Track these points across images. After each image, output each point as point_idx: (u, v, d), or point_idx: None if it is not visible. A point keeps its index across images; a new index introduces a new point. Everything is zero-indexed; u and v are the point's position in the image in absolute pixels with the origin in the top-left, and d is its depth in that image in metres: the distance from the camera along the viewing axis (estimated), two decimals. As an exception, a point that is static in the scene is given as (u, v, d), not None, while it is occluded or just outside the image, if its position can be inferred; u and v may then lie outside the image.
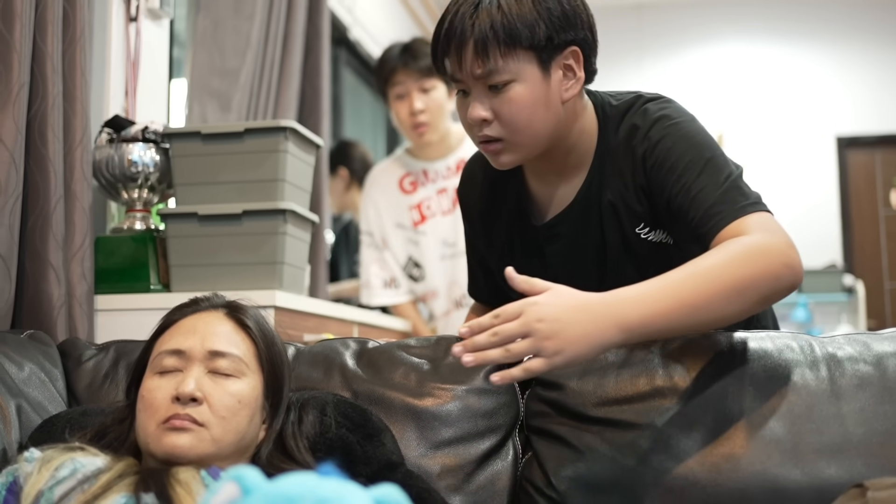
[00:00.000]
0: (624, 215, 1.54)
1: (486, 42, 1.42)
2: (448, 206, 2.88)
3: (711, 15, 6.66)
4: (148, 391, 1.29)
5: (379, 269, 2.93)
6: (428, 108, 2.84)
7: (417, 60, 2.83)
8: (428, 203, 2.90)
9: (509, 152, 1.51)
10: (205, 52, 2.94)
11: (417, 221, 2.90)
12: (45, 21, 1.89)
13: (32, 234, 1.88)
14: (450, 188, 2.85)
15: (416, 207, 2.91)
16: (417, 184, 2.91)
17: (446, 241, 2.86)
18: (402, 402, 1.53)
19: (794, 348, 1.49)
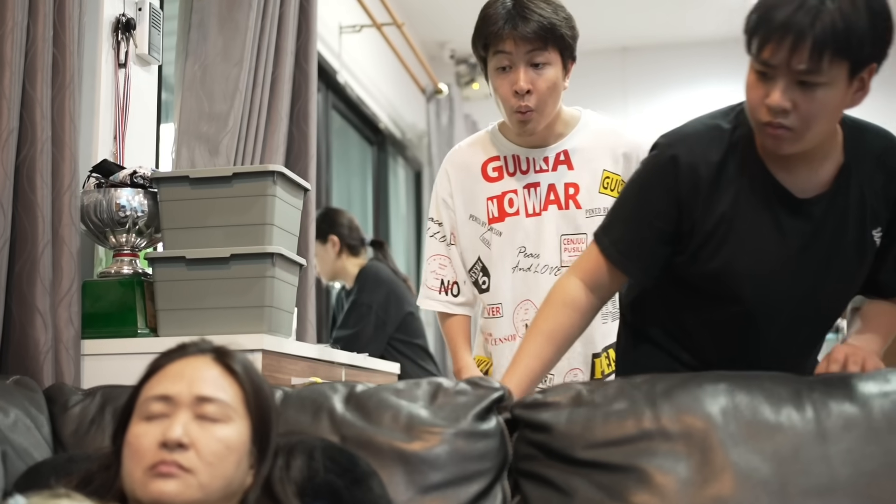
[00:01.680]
0: (869, 212, 1.67)
1: (825, 43, 1.47)
2: (538, 205, 2.22)
3: (695, 58, 6.74)
4: (135, 437, 1.28)
5: (439, 266, 2.39)
6: (537, 89, 2.11)
7: (529, 23, 2.10)
8: (512, 197, 2.24)
9: (794, 142, 1.58)
10: (193, 97, 2.95)
11: (494, 218, 2.25)
12: (35, 68, 1.91)
13: (20, 278, 1.88)
14: (544, 184, 2.22)
15: (496, 200, 2.26)
16: (503, 171, 2.26)
17: (525, 249, 2.22)
18: (391, 446, 1.53)
19: (780, 389, 1.49)
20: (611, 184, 2.19)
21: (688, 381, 1.52)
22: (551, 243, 2.19)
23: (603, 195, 2.18)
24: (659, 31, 6.54)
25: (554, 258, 2.18)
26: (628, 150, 2.20)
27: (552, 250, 2.19)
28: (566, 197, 2.19)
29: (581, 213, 2.18)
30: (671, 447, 1.44)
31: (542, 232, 2.20)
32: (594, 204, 2.17)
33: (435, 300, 2.33)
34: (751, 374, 1.55)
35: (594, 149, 2.21)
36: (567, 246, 2.18)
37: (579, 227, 2.17)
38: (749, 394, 1.49)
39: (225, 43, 3.00)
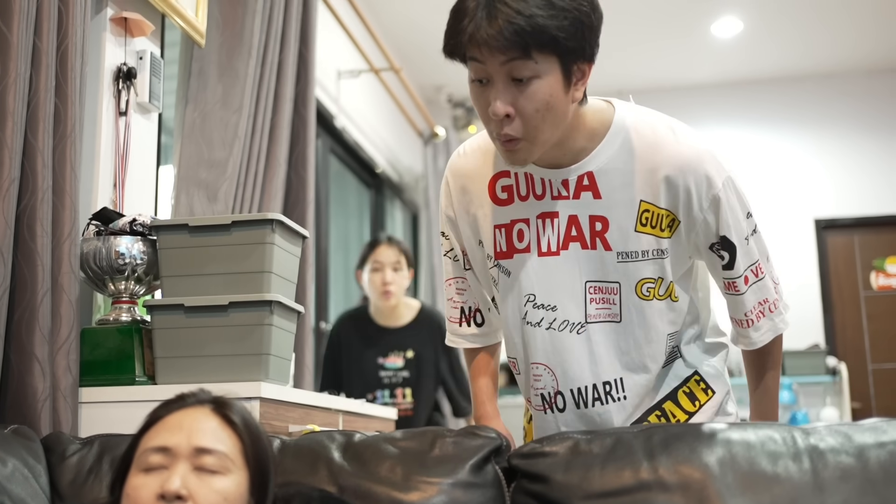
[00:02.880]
0: None
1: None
2: (555, 242, 1.70)
3: (692, 100, 6.80)
4: (133, 489, 1.28)
5: (456, 292, 1.91)
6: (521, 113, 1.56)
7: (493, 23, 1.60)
8: (522, 228, 1.72)
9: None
10: (192, 144, 2.98)
11: (501, 252, 1.74)
12: (37, 118, 1.93)
13: (18, 327, 1.89)
14: (563, 215, 1.69)
15: (504, 230, 1.74)
16: (514, 193, 1.72)
17: (533, 298, 1.72)
18: (389, 497, 1.53)
19: (777, 440, 1.50)
20: (651, 219, 1.65)
21: (685, 432, 1.53)
22: (573, 292, 1.69)
23: (641, 234, 1.65)
24: (655, 74, 6.60)
25: (576, 312, 1.69)
26: (672, 174, 1.62)
27: (574, 301, 1.69)
28: (592, 234, 1.67)
29: (611, 255, 1.67)
30: (669, 498, 1.45)
31: (559, 277, 1.69)
32: (628, 245, 1.66)
33: (458, 335, 1.92)
34: (747, 424, 1.56)
35: (628, 171, 1.64)
36: (593, 296, 1.69)
37: (608, 273, 1.68)
38: (745, 444, 1.49)
39: (224, 90, 3.03)
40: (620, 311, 1.70)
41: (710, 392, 1.78)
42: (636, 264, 1.66)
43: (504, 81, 1.49)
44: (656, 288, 1.69)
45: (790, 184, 6.68)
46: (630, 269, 1.67)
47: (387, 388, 3.82)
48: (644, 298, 1.69)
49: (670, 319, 1.72)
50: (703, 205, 1.64)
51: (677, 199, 1.64)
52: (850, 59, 6.52)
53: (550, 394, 1.73)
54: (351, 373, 3.85)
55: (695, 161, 1.64)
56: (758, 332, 1.73)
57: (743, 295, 1.71)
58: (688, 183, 1.63)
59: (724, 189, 1.64)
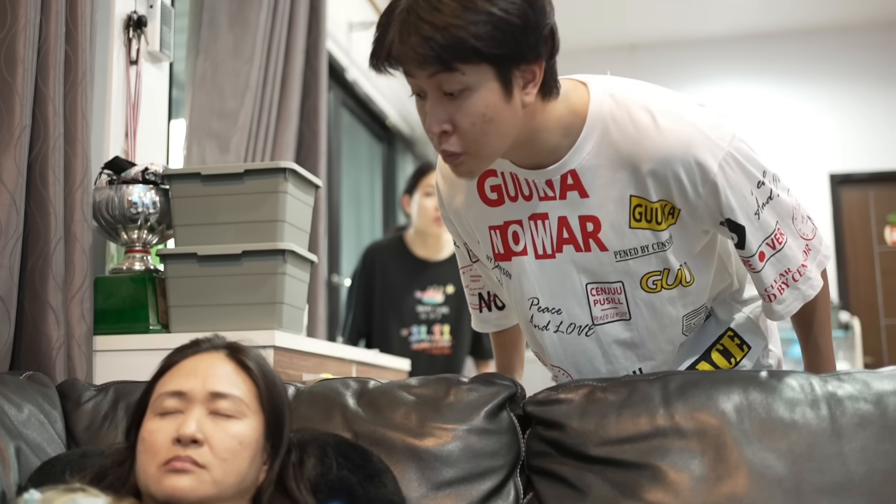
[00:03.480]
0: None
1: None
2: (549, 245, 1.60)
3: (704, 55, 6.73)
4: (149, 433, 1.28)
5: (471, 279, 1.88)
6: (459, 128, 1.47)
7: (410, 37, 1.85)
8: (516, 230, 1.62)
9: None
10: (204, 95, 2.96)
11: (500, 254, 1.65)
12: (48, 65, 1.91)
13: (32, 275, 1.88)
14: (553, 216, 1.58)
15: (499, 231, 1.64)
16: (503, 193, 1.62)
17: (537, 302, 1.65)
18: (403, 443, 1.53)
19: (795, 387, 1.49)
20: (645, 213, 1.54)
21: (701, 379, 1.52)
22: (575, 295, 1.62)
23: (636, 230, 1.55)
24: (668, 28, 6.52)
25: (581, 314, 1.63)
26: (657, 168, 1.49)
27: (577, 304, 1.63)
28: (584, 235, 1.57)
29: (608, 256, 1.57)
30: (685, 444, 1.44)
31: (558, 280, 1.62)
32: (625, 244, 1.56)
33: (483, 321, 1.91)
34: (765, 372, 1.55)
35: (612, 165, 1.52)
36: (597, 297, 1.61)
37: (608, 274, 1.59)
38: (763, 391, 1.48)
39: (235, 40, 3.01)
40: (629, 309, 1.62)
41: (746, 347, 1.73)
42: (637, 261, 1.56)
43: (436, 96, 1.39)
44: (663, 279, 1.59)
45: (805, 138, 6.62)
46: (631, 267, 1.57)
47: (423, 324, 3.56)
48: (651, 291, 1.60)
49: (684, 303, 1.64)
50: (699, 191, 1.50)
51: (670, 191, 1.51)
52: (865, 12, 6.43)
53: None
54: (384, 305, 3.58)
55: (680, 150, 1.48)
56: (782, 304, 1.61)
57: (760, 272, 1.59)
58: (677, 173, 1.48)
59: (722, 170, 1.49)
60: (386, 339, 3.51)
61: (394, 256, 3.62)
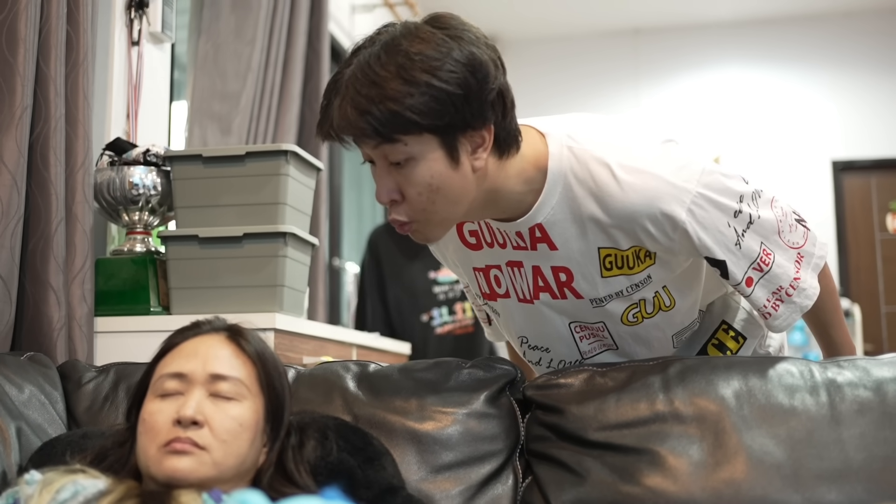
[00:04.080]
0: None
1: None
2: (527, 291, 1.59)
3: (708, 40, 6.70)
4: (149, 414, 1.29)
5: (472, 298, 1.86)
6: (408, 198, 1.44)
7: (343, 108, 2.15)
8: (497, 275, 1.62)
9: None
10: (206, 76, 2.96)
11: (487, 294, 1.67)
12: (49, 45, 1.90)
13: (33, 256, 1.89)
14: (527, 265, 1.56)
15: (482, 273, 1.65)
16: (481, 239, 1.61)
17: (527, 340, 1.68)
18: (403, 426, 1.53)
19: (794, 373, 1.49)
20: (616, 261, 1.52)
21: (701, 365, 1.52)
22: (560, 335, 1.63)
23: (609, 278, 1.54)
24: (672, 12, 6.50)
25: (569, 352, 1.65)
26: (623, 225, 1.47)
27: (564, 343, 1.64)
28: (558, 285, 1.56)
29: (583, 303, 1.57)
30: (684, 430, 1.44)
31: (541, 322, 1.62)
32: (599, 292, 1.55)
33: (495, 333, 1.88)
34: (765, 358, 1.55)
35: (577, 220, 1.49)
36: (582, 333, 1.62)
37: (587, 317, 1.59)
38: (762, 378, 1.48)
39: (238, 22, 3.00)
40: (614, 341, 1.62)
41: (741, 339, 1.72)
42: (614, 303, 1.55)
43: (383, 165, 1.37)
44: (641, 310, 1.58)
45: (807, 125, 6.61)
46: (609, 309, 1.56)
47: (444, 305, 3.30)
48: (633, 324, 1.59)
49: (670, 325, 1.63)
50: (671, 237, 1.46)
51: (639, 240, 1.48)
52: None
53: None
54: (398, 292, 3.34)
55: (644, 205, 1.44)
56: (778, 319, 1.58)
57: (751, 296, 1.56)
58: (644, 226, 1.45)
59: (692, 214, 1.44)
60: (406, 328, 3.30)
61: (398, 236, 3.32)
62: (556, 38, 6.61)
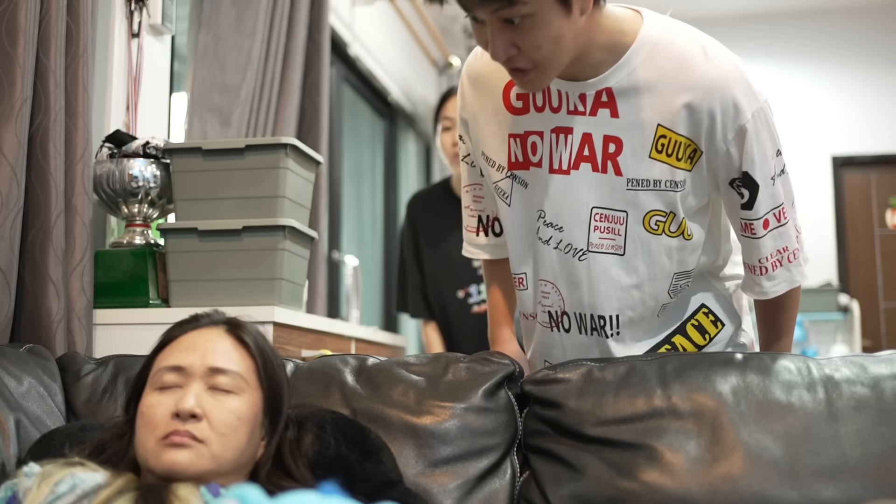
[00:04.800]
0: None
1: None
2: (566, 160, 1.59)
3: (709, 33, 6.70)
4: (148, 407, 1.29)
5: (473, 199, 1.83)
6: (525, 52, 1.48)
7: None
8: (535, 141, 1.61)
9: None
10: (206, 68, 2.95)
11: (517, 163, 1.64)
12: (49, 37, 1.90)
13: (33, 247, 1.89)
14: (577, 131, 1.57)
15: (519, 140, 1.63)
16: (529, 103, 1.61)
17: (543, 215, 1.64)
18: (401, 420, 1.54)
19: (792, 370, 1.50)
20: (668, 146, 1.54)
21: (699, 361, 1.53)
22: (579, 216, 1.60)
23: (654, 161, 1.54)
24: (673, 6, 6.49)
25: (580, 236, 1.61)
26: (695, 99, 1.50)
27: (578, 225, 1.61)
28: (604, 156, 1.56)
29: (621, 182, 1.56)
30: (681, 425, 1.45)
31: (567, 198, 1.60)
32: (640, 173, 1.55)
33: (475, 245, 1.85)
34: (762, 354, 1.55)
35: (649, 90, 1.52)
36: (598, 223, 1.60)
37: (616, 201, 1.58)
38: (760, 374, 1.49)
39: (238, 14, 2.99)
40: (625, 244, 1.59)
41: (720, 324, 1.71)
42: (647, 194, 1.55)
43: (497, 24, 1.39)
44: (667, 223, 1.58)
45: (808, 120, 6.61)
46: (640, 199, 1.56)
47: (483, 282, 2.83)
48: (652, 232, 1.58)
49: (679, 258, 1.61)
50: (727, 135, 1.50)
51: (699, 127, 1.51)
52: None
53: (557, 312, 1.67)
54: (435, 265, 3.00)
55: (722, 84, 1.49)
56: (771, 280, 1.60)
57: (760, 239, 1.58)
58: (713, 108, 1.49)
59: (754, 120, 1.50)
60: (441, 304, 2.99)
61: (438, 205, 3.05)
62: (557, 32, 6.58)
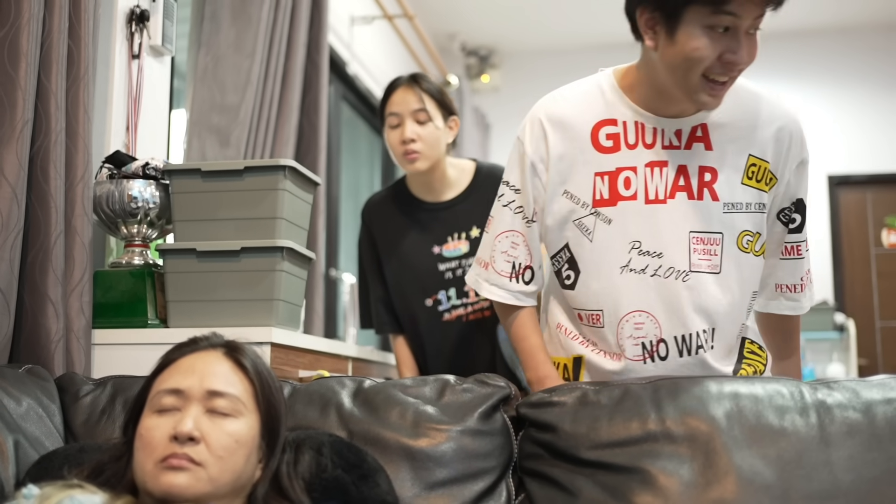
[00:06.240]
0: None
1: None
2: (662, 190, 1.73)
3: (705, 54, 6.74)
4: (146, 430, 1.30)
5: (511, 245, 1.85)
6: None
7: None
8: (629, 176, 1.74)
9: None
10: (205, 88, 2.97)
11: (602, 200, 1.75)
12: (50, 59, 1.92)
13: (32, 268, 1.90)
14: (672, 164, 1.73)
15: (608, 177, 1.75)
16: (621, 141, 1.75)
17: (639, 245, 1.74)
18: (398, 443, 1.55)
19: (785, 394, 1.51)
20: (757, 173, 1.74)
21: (692, 385, 1.54)
22: (679, 240, 1.72)
23: (746, 187, 1.74)
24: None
25: (681, 260, 1.72)
26: (783, 125, 1.75)
27: (679, 249, 1.72)
28: (700, 184, 1.72)
29: (718, 206, 1.72)
30: (675, 449, 1.46)
31: (665, 225, 1.72)
32: (735, 197, 1.73)
33: (503, 289, 1.85)
34: (755, 378, 1.56)
35: (740, 125, 1.74)
36: (697, 246, 1.72)
37: (712, 224, 1.72)
38: (753, 398, 1.50)
39: (237, 34, 3.02)
40: (721, 263, 1.73)
41: (763, 351, 1.86)
42: (740, 216, 1.72)
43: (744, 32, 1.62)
44: (754, 242, 1.75)
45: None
46: (735, 221, 1.72)
47: (452, 286, 2.67)
48: (743, 251, 1.74)
49: (756, 278, 1.79)
50: (792, 164, 1.76)
51: (779, 156, 1.74)
52: (866, 14, 6.44)
53: (653, 342, 1.72)
54: (398, 273, 2.71)
55: (794, 117, 1.77)
56: (808, 293, 1.85)
57: (803, 258, 1.82)
58: (792, 139, 1.75)
59: (807, 153, 1.79)
60: (410, 314, 2.70)
61: (395, 210, 2.75)
62: (555, 51, 6.64)
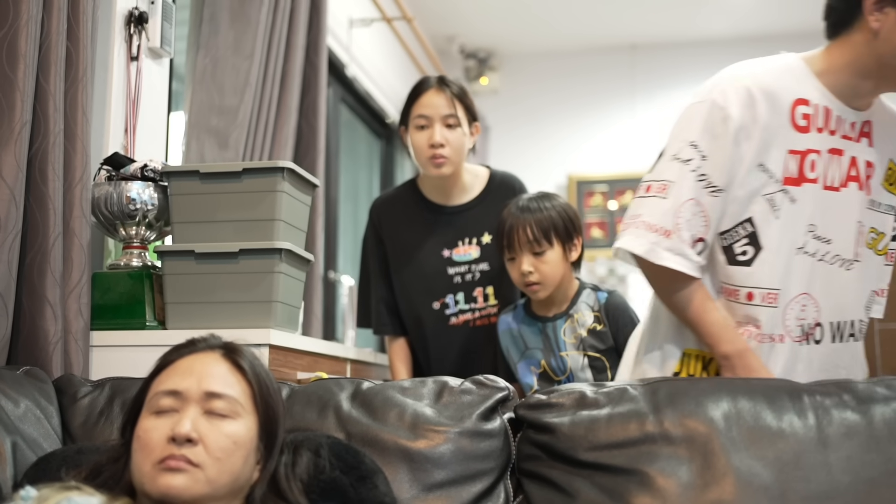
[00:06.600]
0: None
1: None
2: (838, 178, 1.76)
3: (703, 56, 6.73)
4: (144, 431, 1.30)
5: (692, 214, 1.71)
6: None
7: None
8: (814, 159, 1.73)
9: None
10: (204, 90, 2.97)
11: (792, 178, 1.73)
12: (49, 61, 1.92)
13: (30, 270, 1.90)
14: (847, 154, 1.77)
15: (799, 156, 1.72)
16: (812, 123, 1.73)
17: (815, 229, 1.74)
18: (396, 444, 1.55)
19: (783, 396, 1.51)
20: (891, 177, 1.83)
21: (690, 387, 1.54)
22: (848, 229, 1.76)
23: (883, 190, 1.82)
24: (669, 28, 6.53)
25: (848, 248, 1.76)
26: None
27: (847, 237, 1.76)
28: (866, 177, 1.79)
29: (868, 200, 1.80)
30: (673, 451, 1.46)
31: (839, 212, 1.74)
32: (879, 196, 1.81)
33: (687, 259, 1.71)
34: (753, 380, 1.56)
35: (891, 130, 1.82)
36: (859, 238, 1.78)
37: (865, 216, 1.79)
38: (751, 399, 1.50)
39: (236, 36, 3.01)
40: (855, 255, 1.78)
41: None
42: (875, 213, 1.79)
43: None
44: (877, 239, 1.81)
45: (803, 141, 6.65)
46: (871, 217, 1.79)
47: (461, 290, 2.61)
48: (867, 246, 1.81)
49: (875, 275, 1.84)
50: None
51: None
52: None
53: (810, 325, 1.75)
54: (407, 274, 2.66)
55: None
56: (884, 300, 1.92)
57: (891, 265, 1.87)
58: None
59: None
60: (416, 317, 2.65)
61: (407, 209, 2.72)
62: (554, 53, 6.64)
